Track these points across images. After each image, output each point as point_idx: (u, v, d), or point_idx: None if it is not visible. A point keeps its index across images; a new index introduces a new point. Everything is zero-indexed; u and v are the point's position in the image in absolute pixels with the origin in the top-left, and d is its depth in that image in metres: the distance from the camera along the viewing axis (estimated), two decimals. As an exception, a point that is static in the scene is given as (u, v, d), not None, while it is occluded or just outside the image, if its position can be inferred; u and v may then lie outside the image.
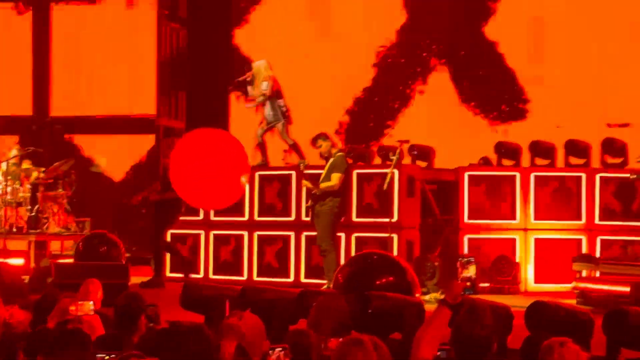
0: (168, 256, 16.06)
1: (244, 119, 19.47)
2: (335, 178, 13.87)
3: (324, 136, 14.17)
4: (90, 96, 21.44)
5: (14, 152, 17.54)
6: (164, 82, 20.81)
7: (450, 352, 6.12)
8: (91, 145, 21.15)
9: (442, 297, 6.03)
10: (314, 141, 14.17)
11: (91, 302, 6.75)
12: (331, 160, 14.01)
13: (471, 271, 5.31)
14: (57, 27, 21.48)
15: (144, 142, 21.03)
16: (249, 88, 15.80)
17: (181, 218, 15.75)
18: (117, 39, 21.03)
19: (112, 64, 21.15)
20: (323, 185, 13.91)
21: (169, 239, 15.79)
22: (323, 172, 14.06)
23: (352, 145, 16.21)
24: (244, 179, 14.51)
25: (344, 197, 14.23)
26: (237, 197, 14.80)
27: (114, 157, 21.14)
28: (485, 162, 15.93)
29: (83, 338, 4.98)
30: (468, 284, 5.48)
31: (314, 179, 14.07)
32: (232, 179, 14.19)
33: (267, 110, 15.66)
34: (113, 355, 5.10)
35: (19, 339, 6.28)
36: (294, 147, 15.85)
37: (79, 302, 6.81)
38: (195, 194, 14.30)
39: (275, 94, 15.62)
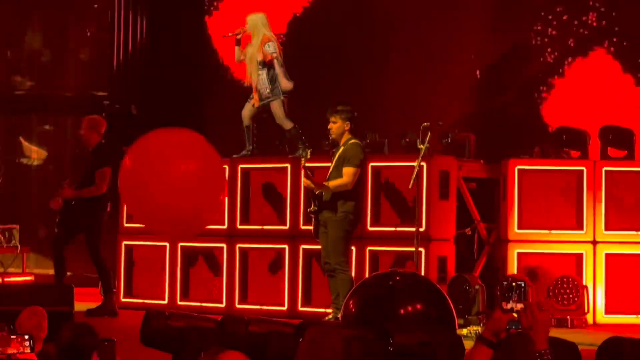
0: (122, 275, 16.14)
1: (222, 97, 19.60)
2: (348, 173, 13.78)
3: (348, 114, 13.97)
4: (16, 66, 21.59)
5: None
6: (119, 60, 20.95)
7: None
8: (19, 130, 21.27)
9: (481, 332, 6.07)
10: (334, 112, 13.97)
11: (27, 336, 6.78)
12: (341, 149, 13.93)
13: (519, 300, 5.31)
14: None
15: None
16: (236, 49, 15.79)
17: (127, 225, 15.85)
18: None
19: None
20: (332, 183, 13.83)
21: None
22: (331, 165, 14.04)
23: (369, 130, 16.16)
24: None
25: (360, 199, 14.21)
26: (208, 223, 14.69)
27: (49, 146, 21.25)
28: (542, 153, 15.94)
29: None
30: (515, 315, 5.53)
31: (320, 176, 14.03)
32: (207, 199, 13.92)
33: (264, 81, 15.61)
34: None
35: None
36: (294, 132, 15.78)
37: (12, 337, 6.85)
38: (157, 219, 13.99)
39: (277, 60, 15.63)
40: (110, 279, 15.61)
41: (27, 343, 6.68)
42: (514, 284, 5.94)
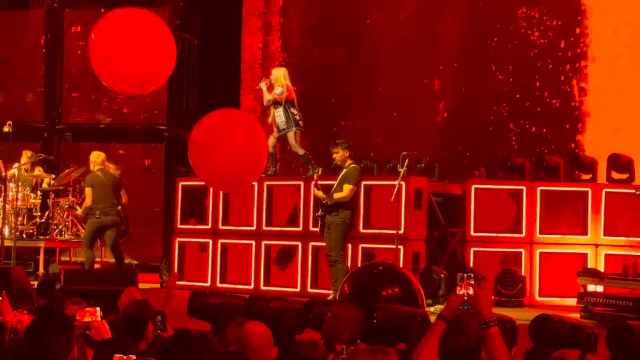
0: (176, 263, 16.12)
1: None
2: (347, 189, 13.81)
3: (346, 145, 14.04)
4: (100, 105, 21.49)
5: (26, 158, 17.58)
6: (174, 92, 20.86)
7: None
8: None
9: (441, 311, 6.03)
10: (335, 144, 14.03)
11: (98, 308, 6.73)
12: (344, 171, 13.93)
13: (468, 289, 5.33)
14: (69, 34, 21.53)
15: (154, 151, 21.08)
16: (265, 92, 15.77)
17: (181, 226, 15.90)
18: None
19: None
20: (335, 195, 13.84)
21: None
22: (335, 182, 14.01)
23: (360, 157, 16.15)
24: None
25: (355, 210, 14.22)
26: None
27: (124, 164, 21.17)
28: (487, 174, 15.96)
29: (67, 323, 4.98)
30: (465, 298, 5.54)
31: (326, 190, 14.01)
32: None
33: (280, 117, 15.60)
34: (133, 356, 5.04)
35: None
36: (304, 158, 15.80)
37: (86, 309, 6.81)
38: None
39: (290, 103, 15.61)
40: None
41: (98, 313, 6.65)
42: (465, 275, 5.92)
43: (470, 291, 5.79)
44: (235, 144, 11.31)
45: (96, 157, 15.52)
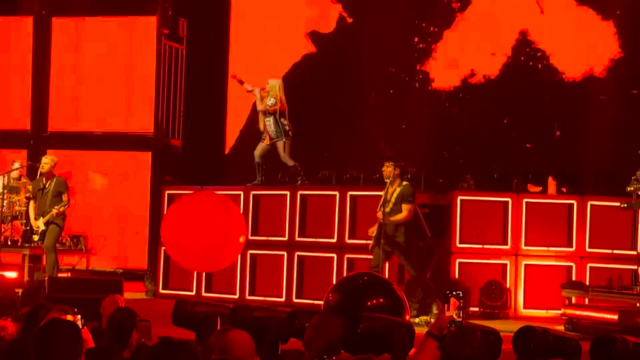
0: (161, 272, 16.11)
1: (241, 136, 19.55)
2: (406, 209, 13.91)
3: (398, 163, 14.17)
4: (87, 112, 21.44)
5: (16, 165, 17.55)
6: (161, 100, 20.83)
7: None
8: (87, 162, 21.13)
9: (429, 329, 6.06)
10: (389, 160, 14.18)
11: (79, 316, 6.72)
12: (398, 190, 13.97)
13: (456, 313, 5.40)
14: (56, 41, 21.50)
15: (140, 159, 21.03)
16: (257, 102, 15.94)
17: None
18: (116, 55, 21.06)
19: (110, 81, 21.18)
20: (397, 217, 13.89)
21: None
22: (387, 198, 13.93)
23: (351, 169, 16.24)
24: (241, 239, 14.59)
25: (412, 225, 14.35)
26: (234, 258, 14.85)
27: (111, 173, 21.13)
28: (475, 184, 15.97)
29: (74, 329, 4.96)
30: (454, 316, 5.60)
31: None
32: (229, 241, 14.12)
33: (270, 125, 15.78)
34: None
35: (7, 351, 6.26)
36: (294, 168, 15.90)
37: (68, 316, 6.79)
38: (190, 258, 14.17)
39: (281, 113, 15.74)
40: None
41: (79, 322, 6.63)
42: (452, 294, 6.02)
43: (456, 315, 5.87)
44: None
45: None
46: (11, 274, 15.55)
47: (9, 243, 17.18)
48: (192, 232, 13.74)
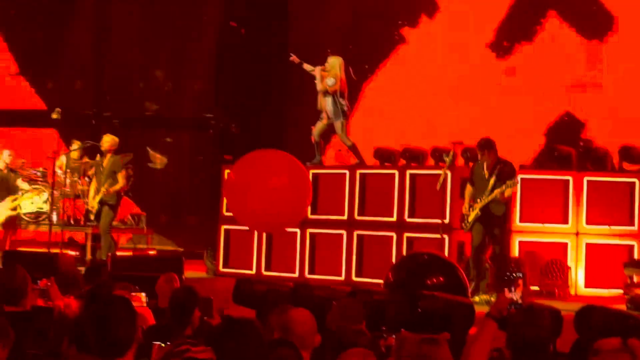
0: (222, 251, 16.23)
1: (300, 118, 19.57)
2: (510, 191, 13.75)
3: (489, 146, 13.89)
4: (147, 92, 21.62)
5: (75, 146, 17.75)
6: (221, 81, 20.93)
7: (501, 356, 6.10)
8: (147, 142, 21.31)
9: (489, 310, 6.05)
10: (479, 148, 13.90)
11: (143, 294, 6.81)
12: (498, 167, 13.75)
13: (516, 293, 5.30)
14: (117, 22, 21.68)
15: (202, 140, 21.19)
16: (317, 82, 15.88)
17: (226, 214, 16.00)
18: (177, 36, 21.19)
19: (169, 62, 21.34)
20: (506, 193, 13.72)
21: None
22: (488, 179, 13.71)
23: (407, 146, 16.18)
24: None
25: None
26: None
27: (169, 154, 21.32)
28: (539, 165, 15.81)
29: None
30: (513, 298, 5.60)
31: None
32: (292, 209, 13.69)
33: (329, 105, 15.77)
34: (168, 343, 5.15)
35: (70, 328, 6.35)
36: (353, 149, 15.93)
37: (132, 294, 6.88)
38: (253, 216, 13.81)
39: (340, 93, 15.72)
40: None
41: (143, 299, 6.71)
42: (512, 276, 6.04)
43: (517, 297, 5.88)
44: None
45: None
46: (73, 252, 15.78)
47: (72, 222, 17.41)
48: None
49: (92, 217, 16.24)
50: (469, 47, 19.15)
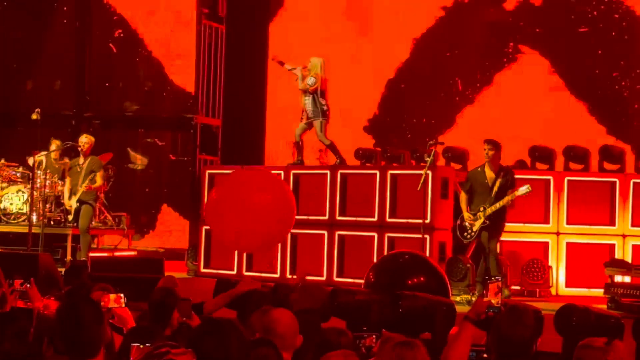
0: (202, 251, 16.20)
1: (280, 115, 19.56)
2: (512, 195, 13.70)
3: (497, 146, 13.94)
4: (127, 92, 21.56)
5: (54, 146, 17.67)
6: (202, 80, 20.89)
7: (481, 353, 6.11)
8: (127, 142, 21.26)
9: (467, 313, 6.06)
10: (490, 142, 13.90)
11: (122, 295, 6.78)
12: (502, 176, 13.79)
13: (495, 297, 5.38)
14: (97, 22, 21.61)
15: (181, 139, 21.13)
16: (299, 81, 15.85)
17: None
18: (156, 36, 21.14)
19: (148, 61, 21.28)
20: (506, 199, 13.70)
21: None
22: (492, 185, 13.78)
23: (387, 146, 16.21)
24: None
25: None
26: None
27: (152, 153, 21.26)
28: (520, 166, 15.83)
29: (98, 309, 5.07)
30: (492, 302, 5.62)
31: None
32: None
33: (308, 104, 15.75)
34: (148, 345, 5.13)
35: (50, 329, 6.33)
36: (331, 147, 15.94)
37: (111, 295, 6.86)
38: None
39: (321, 93, 15.71)
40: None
41: (122, 300, 6.69)
42: (492, 279, 6.05)
43: (496, 301, 5.88)
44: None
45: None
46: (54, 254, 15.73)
47: (52, 223, 17.34)
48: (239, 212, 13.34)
49: (70, 217, 16.28)
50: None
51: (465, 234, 13.96)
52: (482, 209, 13.69)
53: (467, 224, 13.89)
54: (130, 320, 7.28)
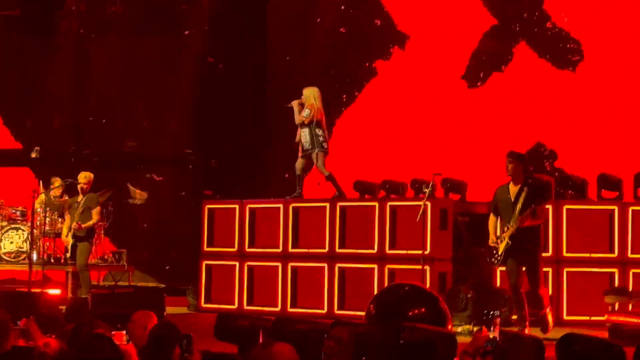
0: (203, 286, 16.18)
1: (279, 152, 19.57)
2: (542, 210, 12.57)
3: (522, 156, 12.85)
4: (126, 130, 21.60)
5: (56, 183, 17.70)
6: (200, 117, 20.93)
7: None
8: (127, 178, 21.27)
9: (465, 348, 6.06)
10: (511, 154, 12.62)
11: (124, 332, 6.77)
12: (525, 188, 12.41)
13: (494, 332, 5.30)
14: (96, 60, 21.68)
15: (181, 177, 21.16)
16: (295, 115, 15.84)
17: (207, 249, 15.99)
18: (155, 73, 21.20)
19: (147, 99, 21.34)
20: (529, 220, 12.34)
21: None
22: (515, 202, 12.45)
23: (387, 178, 16.22)
24: None
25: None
26: None
27: (150, 190, 21.27)
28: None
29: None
30: (490, 336, 5.60)
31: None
32: None
33: (305, 136, 15.75)
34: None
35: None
36: (330, 179, 15.89)
37: (113, 332, 6.85)
38: None
39: (316, 124, 15.69)
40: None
41: (124, 338, 6.68)
42: (490, 314, 6.08)
43: (494, 335, 5.90)
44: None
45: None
46: (55, 291, 15.69)
47: (52, 260, 17.33)
48: None
49: (67, 255, 16.33)
50: (440, 77, 19.28)
51: (493, 258, 12.71)
52: (506, 229, 12.43)
53: (493, 246, 12.66)
54: (134, 356, 7.26)
